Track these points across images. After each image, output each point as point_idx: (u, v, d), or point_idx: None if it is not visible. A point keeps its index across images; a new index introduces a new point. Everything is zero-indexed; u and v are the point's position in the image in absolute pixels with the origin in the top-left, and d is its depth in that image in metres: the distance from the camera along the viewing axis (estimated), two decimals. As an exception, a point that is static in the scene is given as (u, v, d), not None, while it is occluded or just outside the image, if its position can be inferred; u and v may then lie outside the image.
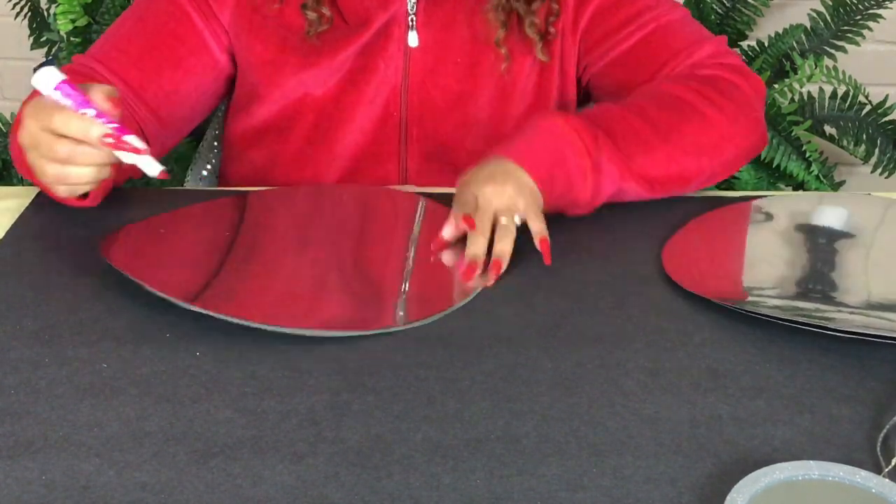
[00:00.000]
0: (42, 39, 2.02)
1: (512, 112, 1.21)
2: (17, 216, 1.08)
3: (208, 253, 1.01)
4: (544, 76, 1.21)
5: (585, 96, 1.26)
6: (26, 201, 1.11)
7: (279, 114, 1.21)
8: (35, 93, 0.98)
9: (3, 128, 1.95)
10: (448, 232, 0.99)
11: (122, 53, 1.18)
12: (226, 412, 0.78)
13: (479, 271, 0.95)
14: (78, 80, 1.15)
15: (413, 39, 1.17)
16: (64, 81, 0.94)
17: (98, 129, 0.94)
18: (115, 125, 0.95)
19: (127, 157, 0.96)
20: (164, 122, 1.20)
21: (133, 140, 0.95)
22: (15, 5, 2.02)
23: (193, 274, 0.96)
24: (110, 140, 0.94)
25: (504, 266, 0.95)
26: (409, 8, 1.17)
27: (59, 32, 1.85)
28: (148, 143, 1.19)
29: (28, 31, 2.04)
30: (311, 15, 1.16)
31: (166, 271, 0.96)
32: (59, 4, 1.78)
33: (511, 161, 1.00)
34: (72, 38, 1.83)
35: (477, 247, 0.96)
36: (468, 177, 1.01)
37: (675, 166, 1.06)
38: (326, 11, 1.16)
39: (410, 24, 1.17)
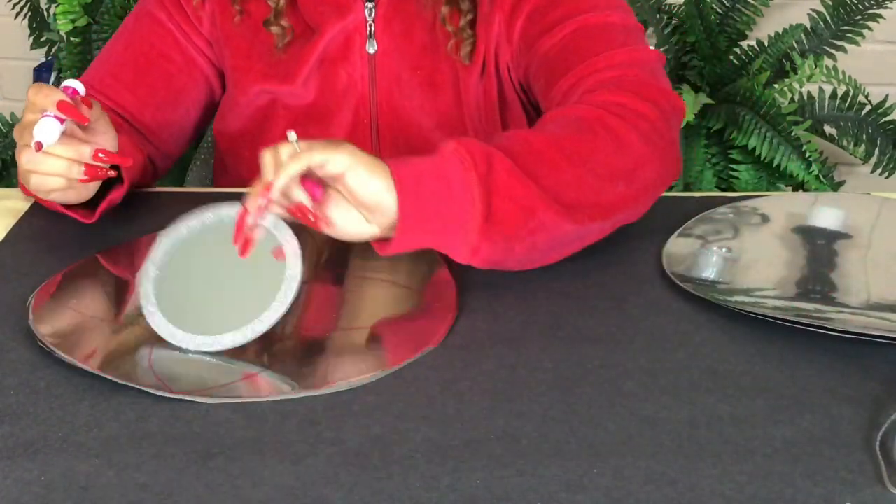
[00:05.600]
0: (42, 39, 2.02)
1: (468, 122, 1.20)
2: (18, 217, 1.08)
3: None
4: (487, 85, 1.19)
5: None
6: (27, 202, 1.11)
7: (250, 120, 1.22)
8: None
9: (3, 128, 1.95)
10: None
11: (115, 79, 1.19)
12: (225, 413, 0.78)
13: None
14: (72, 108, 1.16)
15: (371, 46, 1.17)
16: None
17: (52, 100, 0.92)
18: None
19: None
20: (165, 140, 1.22)
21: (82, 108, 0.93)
22: (15, 5, 2.02)
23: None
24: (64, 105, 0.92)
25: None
26: (366, 16, 1.17)
27: (59, 32, 1.85)
28: (155, 167, 1.21)
29: (28, 31, 2.04)
30: (276, 30, 1.17)
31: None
32: (59, 4, 1.79)
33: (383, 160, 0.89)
34: (72, 38, 1.84)
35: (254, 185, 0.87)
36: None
37: (591, 192, 0.94)
38: (286, 23, 1.17)
39: (369, 31, 1.17)
